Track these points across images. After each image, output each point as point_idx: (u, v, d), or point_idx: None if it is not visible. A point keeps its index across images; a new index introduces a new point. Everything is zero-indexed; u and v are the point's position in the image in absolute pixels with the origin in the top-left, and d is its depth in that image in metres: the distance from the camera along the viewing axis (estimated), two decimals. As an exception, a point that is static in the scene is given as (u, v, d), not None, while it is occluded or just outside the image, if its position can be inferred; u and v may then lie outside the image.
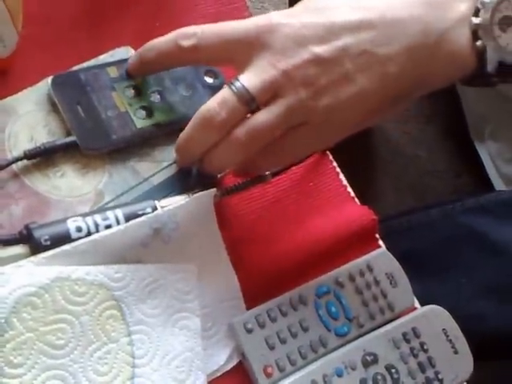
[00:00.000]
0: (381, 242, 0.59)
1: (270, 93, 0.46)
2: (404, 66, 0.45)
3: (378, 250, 0.56)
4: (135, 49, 0.59)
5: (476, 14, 0.44)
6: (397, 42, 0.45)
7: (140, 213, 0.47)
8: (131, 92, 0.55)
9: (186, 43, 0.48)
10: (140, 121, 0.53)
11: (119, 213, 0.47)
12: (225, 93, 0.46)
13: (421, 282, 0.66)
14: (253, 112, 0.47)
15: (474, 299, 0.66)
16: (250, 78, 0.46)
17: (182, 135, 0.50)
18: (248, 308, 0.51)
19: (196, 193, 0.50)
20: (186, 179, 0.53)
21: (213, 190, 0.50)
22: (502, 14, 0.44)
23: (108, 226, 0.46)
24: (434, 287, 0.67)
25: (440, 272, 0.68)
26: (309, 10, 0.47)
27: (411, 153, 1.37)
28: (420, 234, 0.72)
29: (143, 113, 0.54)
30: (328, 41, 0.45)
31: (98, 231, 0.45)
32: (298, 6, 0.48)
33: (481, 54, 0.44)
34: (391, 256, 0.56)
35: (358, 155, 1.29)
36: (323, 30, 0.45)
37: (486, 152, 1.14)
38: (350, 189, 0.61)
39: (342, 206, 0.59)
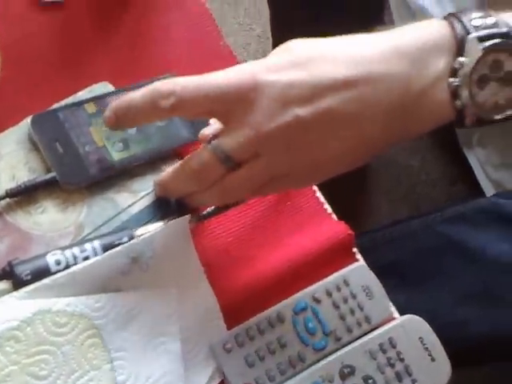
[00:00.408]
0: (359, 256, 0.60)
1: (251, 152, 0.46)
2: (384, 126, 0.45)
3: (354, 264, 0.58)
4: (113, 83, 0.62)
5: (454, 72, 0.44)
6: (379, 102, 0.45)
7: (117, 243, 0.49)
8: (108, 126, 0.57)
9: (164, 103, 0.45)
10: (117, 153, 0.56)
11: (97, 244, 0.49)
12: (205, 152, 0.47)
13: (404, 291, 0.68)
14: (234, 168, 0.47)
15: (455, 306, 0.67)
16: (229, 141, 0.46)
17: (164, 178, 0.52)
18: (229, 328, 0.53)
19: (173, 219, 0.52)
20: (164, 207, 0.55)
21: (187, 216, 0.52)
22: (479, 73, 0.44)
23: (86, 258, 0.48)
24: (417, 296, 0.69)
25: (422, 281, 0.69)
26: (292, 63, 0.45)
27: (404, 163, 1.39)
28: (403, 245, 0.73)
29: (120, 145, 0.56)
30: (312, 102, 0.44)
31: (76, 263, 0.48)
32: (281, 56, 0.46)
33: (459, 111, 0.45)
34: (368, 269, 0.58)
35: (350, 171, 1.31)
36: (307, 89, 0.44)
37: (476, 159, 1.15)
38: (327, 205, 0.63)
39: (319, 223, 0.61)
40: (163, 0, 0.70)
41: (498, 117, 0.46)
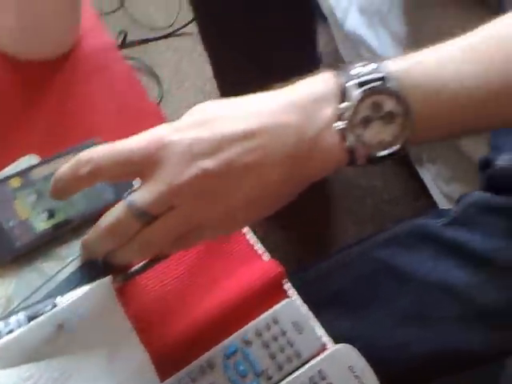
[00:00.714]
0: (291, 291, 0.62)
1: (164, 206, 0.50)
2: (284, 172, 0.49)
3: (284, 301, 0.59)
4: (41, 154, 0.64)
5: (339, 117, 0.49)
6: (276, 151, 0.49)
7: (41, 312, 0.51)
8: (33, 197, 0.59)
9: (83, 171, 0.50)
10: (42, 223, 0.58)
11: (21, 316, 0.51)
12: (120, 207, 0.51)
13: (349, 319, 0.70)
14: (150, 222, 0.51)
15: (395, 329, 0.69)
16: (141, 196, 0.50)
17: (86, 239, 0.55)
18: (163, 380, 0.54)
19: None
20: (91, 269, 0.57)
21: (109, 277, 0.54)
22: (361, 115, 0.48)
23: (10, 331, 0.50)
24: (360, 323, 0.71)
25: (365, 307, 0.71)
26: (196, 123, 0.50)
27: (366, 184, 1.41)
28: (346, 273, 0.75)
29: (45, 215, 0.58)
30: (214, 154, 0.48)
31: (0, 338, 0.49)
32: (187, 118, 0.51)
33: (350, 152, 0.49)
34: (298, 303, 0.60)
35: (314, 196, 1.33)
36: (209, 144, 0.49)
37: (428, 174, 1.18)
38: (257, 246, 0.65)
39: (250, 264, 0.63)
40: (87, 67, 0.73)
41: (385, 153, 0.49)
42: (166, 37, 1.56)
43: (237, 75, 1.02)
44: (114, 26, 1.58)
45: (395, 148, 0.49)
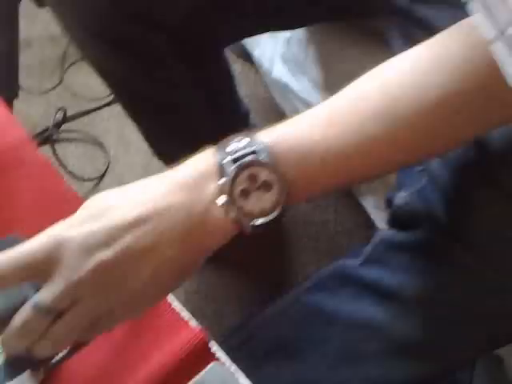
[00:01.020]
0: (220, 353, 0.64)
1: (68, 302, 0.52)
2: (180, 249, 0.52)
3: (210, 365, 0.61)
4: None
5: (220, 192, 0.52)
6: (169, 230, 0.52)
7: (-36, 418, 0.53)
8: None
9: None
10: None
11: None
12: (27, 307, 0.53)
13: (289, 367, 0.72)
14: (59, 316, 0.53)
15: (329, 372, 0.70)
16: (44, 296, 0.52)
17: (3, 337, 0.56)
18: None
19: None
20: (16, 364, 0.58)
21: (29, 371, 0.56)
22: (239, 188, 0.52)
23: None
24: (299, 371, 0.72)
25: (301, 354, 0.72)
26: (89, 216, 0.52)
27: (319, 219, 1.43)
28: (283, 321, 0.77)
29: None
30: (110, 245, 0.51)
31: None
32: (80, 213, 0.53)
33: (236, 223, 0.52)
34: (225, 366, 0.61)
35: (269, 240, 1.35)
36: (103, 235, 0.51)
37: (370, 204, 1.20)
38: (184, 313, 0.67)
39: (177, 333, 0.65)
40: (1, 165, 0.75)
41: (267, 219, 0.53)
42: (106, 105, 1.59)
43: (161, 143, 1.06)
44: (55, 101, 1.61)
45: (277, 212, 0.52)
